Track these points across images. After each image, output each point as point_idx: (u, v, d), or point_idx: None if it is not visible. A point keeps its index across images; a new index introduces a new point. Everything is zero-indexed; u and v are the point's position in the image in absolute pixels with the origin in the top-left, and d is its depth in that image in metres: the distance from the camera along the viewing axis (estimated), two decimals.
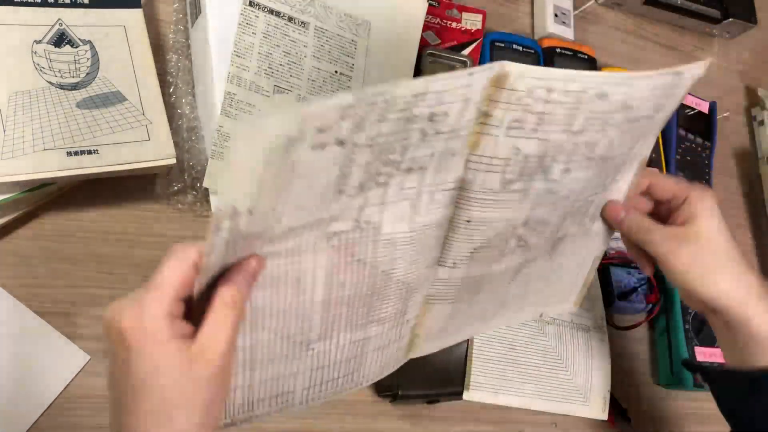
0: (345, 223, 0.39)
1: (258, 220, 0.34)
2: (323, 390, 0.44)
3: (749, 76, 0.97)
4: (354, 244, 0.40)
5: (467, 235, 0.43)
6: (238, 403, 0.40)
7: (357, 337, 0.44)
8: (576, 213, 0.48)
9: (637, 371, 0.72)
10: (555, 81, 0.39)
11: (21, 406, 0.46)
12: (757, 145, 0.92)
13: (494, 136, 0.39)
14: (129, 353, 0.31)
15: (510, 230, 0.44)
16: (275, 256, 0.37)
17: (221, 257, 0.34)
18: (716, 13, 0.88)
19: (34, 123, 0.47)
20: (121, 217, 0.53)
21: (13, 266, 0.49)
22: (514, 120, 0.39)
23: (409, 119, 0.37)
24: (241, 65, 0.53)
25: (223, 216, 0.32)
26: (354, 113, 0.35)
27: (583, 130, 0.41)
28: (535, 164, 0.41)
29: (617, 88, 0.41)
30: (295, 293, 0.39)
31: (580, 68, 0.74)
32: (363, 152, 0.37)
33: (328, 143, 0.35)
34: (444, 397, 0.59)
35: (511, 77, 0.39)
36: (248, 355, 0.39)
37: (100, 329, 0.49)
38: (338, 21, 0.58)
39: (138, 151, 0.50)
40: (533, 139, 0.40)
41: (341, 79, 0.58)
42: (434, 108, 0.37)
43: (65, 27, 0.50)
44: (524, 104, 0.39)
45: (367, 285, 0.42)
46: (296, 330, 0.40)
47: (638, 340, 0.73)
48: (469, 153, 0.40)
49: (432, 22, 0.68)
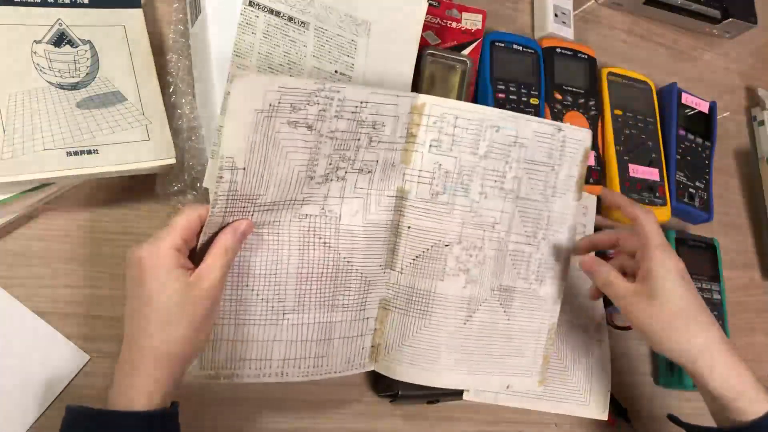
0: (313, 207, 0.50)
1: (250, 181, 0.45)
2: (296, 367, 0.50)
3: (749, 76, 0.97)
4: (321, 227, 0.50)
5: (409, 241, 0.53)
6: (222, 357, 0.47)
7: (324, 319, 0.51)
8: (517, 262, 0.57)
9: (637, 371, 0.72)
10: (459, 110, 0.53)
11: (21, 406, 0.46)
12: (757, 145, 0.92)
13: (420, 152, 0.52)
14: (144, 274, 0.41)
15: (446, 247, 0.53)
16: (260, 225, 0.48)
17: (223, 210, 0.45)
18: (716, 13, 0.88)
19: (34, 123, 0.47)
20: (121, 217, 0.53)
21: (13, 266, 0.49)
22: (433, 139, 0.52)
23: (359, 123, 0.49)
24: (242, 65, 0.53)
25: (226, 167, 0.44)
26: (317, 101, 0.47)
27: (487, 155, 0.54)
28: (455, 179, 0.53)
29: (507, 123, 0.54)
30: (273, 261, 0.49)
31: (581, 68, 0.75)
32: (326, 143, 0.48)
33: (300, 123, 0.47)
34: (444, 397, 0.59)
35: (427, 106, 0.52)
36: (233, 307, 0.48)
37: (100, 329, 0.49)
38: (338, 21, 0.58)
39: (138, 151, 0.50)
40: (450, 157, 0.53)
41: (341, 78, 0.58)
42: (376, 117, 0.50)
43: (65, 27, 0.50)
44: (439, 127, 0.52)
45: (332, 267, 0.51)
46: (273, 296, 0.49)
47: (638, 340, 0.73)
48: (404, 167, 0.52)
49: (432, 22, 0.68)
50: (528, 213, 0.57)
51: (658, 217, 0.73)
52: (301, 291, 0.50)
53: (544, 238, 0.58)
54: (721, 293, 0.75)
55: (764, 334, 0.83)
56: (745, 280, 0.85)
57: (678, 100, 0.80)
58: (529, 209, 0.57)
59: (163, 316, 0.41)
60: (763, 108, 0.92)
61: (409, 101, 0.51)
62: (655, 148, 0.76)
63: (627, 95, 0.77)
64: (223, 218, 0.45)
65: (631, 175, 0.73)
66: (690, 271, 0.73)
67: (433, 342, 0.53)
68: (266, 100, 0.45)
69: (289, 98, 0.46)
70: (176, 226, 0.42)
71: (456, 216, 0.53)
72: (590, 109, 0.74)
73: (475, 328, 0.55)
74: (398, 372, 0.53)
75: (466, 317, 0.55)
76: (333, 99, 0.48)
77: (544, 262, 0.58)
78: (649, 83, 0.79)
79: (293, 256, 0.49)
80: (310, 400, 0.56)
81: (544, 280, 0.58)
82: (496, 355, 0.56)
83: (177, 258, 0.42)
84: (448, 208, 0.53)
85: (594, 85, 0.75)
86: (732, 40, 0.95)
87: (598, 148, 0.73)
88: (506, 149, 0.54)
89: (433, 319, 0.53)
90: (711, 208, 0.79)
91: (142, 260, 0.41)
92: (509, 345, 0.57)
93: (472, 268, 0.54)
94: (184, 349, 0.42)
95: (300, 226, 0.49)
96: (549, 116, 0.71)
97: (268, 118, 0.45)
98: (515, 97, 0.69)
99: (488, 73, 0.69)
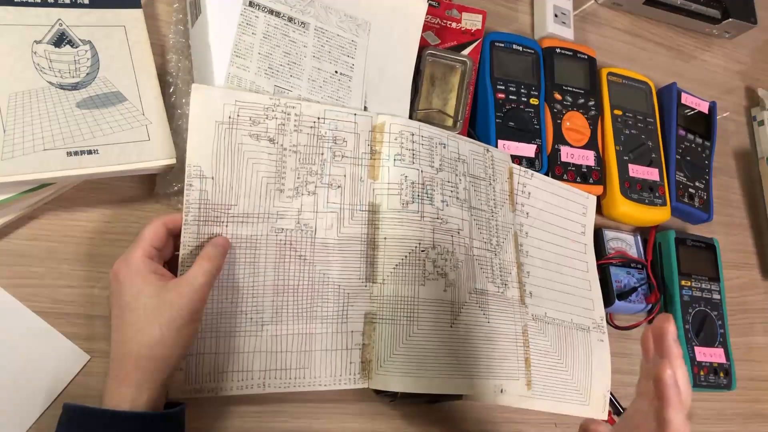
0: (289, 222, 0.52)
1: (221, 190, 0.49)
2: (278, 378, 0.51)
3: (749, 76, 0.97)
4: (296, 241, 0.52)
5: (388, 251, 0.55)
6: (205, 371, 0.48)
7: (303, 330, 0.52)
8: (484, 267, 0.59)
9: (637, 371, 0.72)
10: (413, 128, 0.58)
11: (21, 406, 0.46)
12: (756, 145, 0.92)
13: (386, 166, 0.56)
14: (121, 285, 0.44)
15: (423, 252, 0.55)
16: (237, 239, 0.50)
17: (196, 218, 0.48)
18: (716, 13, 0.88)
19: (35, 123, 0.47)
20: (121, 217, 0.53)
21: (13, 266, 0.49)
22: (396, 154, 0.57)
23: (319, 137, 0.54)
24: (242, 65, 0.53)
25: (194, 175, 0.48)
26: (274, 115, 0.52)
27: (441, 168, 0.58)
28: (420, 189, 0.57)
29: (450, 141, 0.60)
30: (250, 274, 0.50)
31: (581, 68, 0.75)
32: (290, 157, 0.52)
33: (261, 136, 0.51)
34: (444, 398, 0.59)
35: (386, 124, 0.57)
36: (215, 320, 0.49)
37: (100, 329, 0.49)
38: (338, 21, 0.58)
39: (138, 151, 0.50)
40: (413, 168, 0.57)
41: (341, 79, 0.58)
42: (336, 132, 0.55)
43: (65, 27, 0.50)
44: (400, 142, 0.57)
45: (307, 279, 0.52)
46: (251, 307, 0.50)
47: (638, 340, 0.73)
48: (372, 182, 0.56)
49: (432, 22, 0.68)
50: (481, 221, 0.61)
51: (658, 217, 0.73)
52: (279, 302, 0.51)
53: (499, 245, 0.61)
54: (721, 293, 0.75)
55: (764, 334, 0.83)
56: (745, 280, 0.85)
57: (678, 100, 0.80)
58: (481, 218, 0.61)
59: (139, 320, 0.43)
60: (763, 108, 0.92)
61: (369, 120, 0.57)
62: (655, 148, 0.76)
63: (627, 95, 0.77)
64: (197, 227, 0.48)
65: (630, 175, 0.73)
66: (690, 271, 0.74)
67: (423, 347, 0.54)
68: (225, 113, 0.50)
69: (247, 112, 0.51)
70: (144, 236, 0.45)
71: (427, 222, 0.56)
72: (590, 109, 0.74)
73: (462, 330, 0.56)
74: (393, 384, 0.52)
75: (452, 320, 0.55)
76: (290, 114, 0.53)
77: (504, 267, 0.61)
78: (649, 83, 0.79)
79: (269, 269, 0.51)
80: (310, 400, 0.56)
81: (507, 283, 0.61)
82: (484, 358, 0.56)
83: (149, 265, 0.44)
84: (419, 216, 0.56)
85: (594, 85, 0.75)
86: (732, 40, 0.95)
87: (598, 148, 0.73)
88: (454, 164, 0.60)
89: (420, 324, 0.54)
90: (711, 208, 0.79)
91: (118, 273, 0.44)
92: (494, 348, 0.58)
93: (449, 272, 0.56)
94: (163, 352, 0.43)
95: (277, 239, 0.51)
96: (549, 116, 0.71)
97: (229, 129, 0.50)
98: (515, 98, 0.69)
99: (488, 74, 0.69)
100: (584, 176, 0.71)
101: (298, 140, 0.53)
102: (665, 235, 0.75)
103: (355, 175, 0.55)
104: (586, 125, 0.73)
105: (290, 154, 0.52)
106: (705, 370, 0.70)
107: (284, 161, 0.52)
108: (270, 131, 0.52)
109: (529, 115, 0.69)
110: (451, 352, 0.55)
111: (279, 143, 0.52)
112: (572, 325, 0.65)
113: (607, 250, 0.71)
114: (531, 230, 0.66)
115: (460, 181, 0.59)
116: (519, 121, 0.69)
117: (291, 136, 0.53)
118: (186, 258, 0.47)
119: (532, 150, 0.68)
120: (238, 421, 0.52)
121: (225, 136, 0.50)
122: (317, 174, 0.54)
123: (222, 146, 0.50)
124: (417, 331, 0.54)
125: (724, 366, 0.72)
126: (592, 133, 0.73)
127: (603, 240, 0.71)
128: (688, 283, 0.73)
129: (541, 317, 0.63)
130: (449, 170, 0.59)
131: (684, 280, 0.73)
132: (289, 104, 0.52)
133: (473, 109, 0.69)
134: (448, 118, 0.66)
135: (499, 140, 0.67)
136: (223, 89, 0.51)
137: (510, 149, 0.67)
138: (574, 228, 0.69)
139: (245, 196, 0.50)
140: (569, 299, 0.66)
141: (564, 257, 0.67)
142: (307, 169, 0.53)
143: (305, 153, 0.53)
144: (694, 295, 0.73)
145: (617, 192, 0.72)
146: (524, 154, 0.68)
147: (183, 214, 0.48)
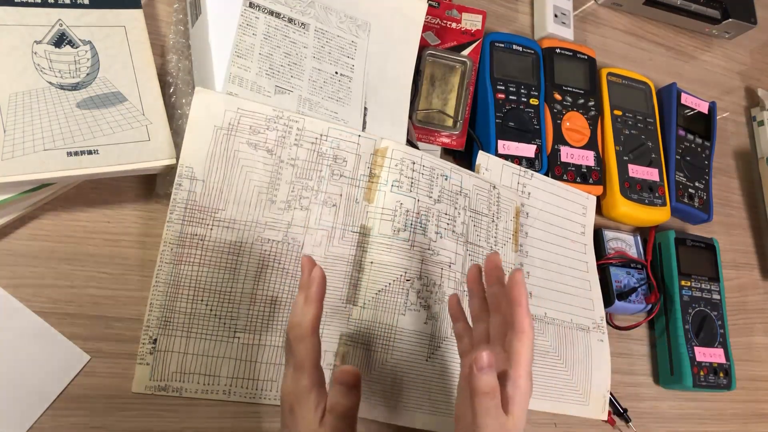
0: (276, 233, 0.52)
1: (210, 193, 0.50)
2: (245, 387, 0.50)
3: (749, 76, 0.97)
4: (281, 253, 0.52)
5: (372, 276, 0.54)
6: (172, 369, 0.48)
7: (275, 342, 0.51)
8: None
9: (637, 371, 0.72)
10: (415, 156, 0.57)
11: (21, 406, 0.46)
12: (756, 145, 0.92)
13: (383, 191, 0.56)
14: None
15: (407, 282, 0.55)
16: (221, 244, 0.50)
17: (181, 217, 0.49)
18: (716, 13, 0.88)
19: (35, 123, 0.47)
20: (121, 217, 0.53)
21: (13, 266, 0.49)
22: (395, 180, 0.56)
23: (320, 153, 0.54)
24: (243, 65, 0.53)
25: (185, 175, 0.49)
26: (276, 127, 0.52)
27: (439, 199, 0.58)
28: (414, 218, 0.56)
29: (454, 174, 0.60)
30: (229, 279, 0.50)
31: (580, 68, 0.75)
32: (287, 170, 0.52)
33: (259, 146, 0.52)
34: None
35: (389, 149, 0.57)
36: (186, 320, 0.49)
37: (100, 329, 0.49)
38: (338, 22, 0.58)
39: (138, 152, 0.50)
40: (410, 197, 0.56)
41: (342, 79, 0.58)
42: (337, 151, 0.55)
43: (65, 27, 0.50)
44: (399, 169, 0.56)
45: (287, 292, 0.52)
46: (226, 313, 0.50)
47: (638, 340, 0.73)
48: (367, 204, 0.55)
49: (432, 22, 0.68)
50: (477, 258, 0.60)
51: (657, 217, 0.73)
52: (254, 312, 0.51)
53: None
54: (720, 293, 0.75)
55: (764, 334, 0.83)
56: (744, 281, 0.85)
57: (678, 101, 0.80)
58: (478, 254, 0.60)
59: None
60: (762, 108, 0.92)
61: (371, 143, 0.56)
62: (655, 149, 0.76)
63: (627, 95, 0.77)
64: (181, 226, 0.49)
65: (630, 176, 0.73)
66: (690, 271, 0.74)
67: (395, 377, 0.53)
68: (225, 119, 0.51)
69: (248, 120, 0.51)
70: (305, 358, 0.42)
71: (416, 252, 0.56)
72: (590, 110, 0.74)
73: (438, 365, 0.55)
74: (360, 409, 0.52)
75: (429, 353, 0.55)
76: (292, 128, 0.53)
77: None
78: (649, 83, 0.79)
79: (249, 277, 0.51)
80: None
81: None
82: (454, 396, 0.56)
83: None
84: (408, 245, 0.55)
85: (594, 85, 0.75)
86: (732, 41, 0.95)
87: (598, 149, 0.73)
88: (454, 197, 0.59)
89: (394, 354, 0.54)
90: (710, 208, 0.79)
91: None
92: None
93: (433, 305, 0.56)
94: None
95: (261, 249, 0.52)
96: (549, 116, 0.71)
97: (227, 135, 0.51)
98: (515, 98, 0.69)
99: (488, 74, 0.69)
100: (584, 176, 0.71)
101: (297, 154, 0.53)
102: (665, 236, 0.75)
103: (351, 196, 0.55)
104: (586, 125, 0.73)
105: (287, 167, 0.53)
106: (705, 370, 0.70)
107: (280, 173, 0.52)
108: (269, 142, 0.52)
109: (529, 115, 0.69)
110: (423, 386, 0.54)
111: (277, 155, 0.52)
112: (572, 326, 0.65)
113: (607, 250, 0.71)
114: (531, 230, 0.66)
115: (459, 214, 0.59)
116: (519, 121, 0.69)
117: (290, 149, 0.53)
118: (165, 254, 0.49)
119: (531, 150, 0.68)
120: (237, 421, 0.52)
121: (222, 142, 0.50)
122: (313, 190, 0.53)
123: (217, 151, 0.50)
124: (390, 360, 0.53)
125: (723, 366, 0.72)
126: (592, 133, 0.73)
127: (603, 240, 0.72)
128: (688, 283, 0.73)
129: (541, 317, 0.63)
130: (448, 202, 0.58)
131: (684, 281, 0.73)
132: (292, 118, 0.52)
133: (473, 110, 0.69)
134: (448, 118, 0.66)
135: (498, 140, 0.67)
136: (228, 96, 0.51)
137: (510, 149, 0.67)
138: (574, 228, 0.69)
139: (234, 203, 0.51)
140: (569, 299, 0.66)
141: (564, 257, 0.67)
142: (303, 184, 0.53)
143: (303, 168, 0.53)
144: (693, 296, 0.73)
145: (617, 192, 0.72)
146: (524, 155, 0.68)
147: (168, 211, 0.48)
